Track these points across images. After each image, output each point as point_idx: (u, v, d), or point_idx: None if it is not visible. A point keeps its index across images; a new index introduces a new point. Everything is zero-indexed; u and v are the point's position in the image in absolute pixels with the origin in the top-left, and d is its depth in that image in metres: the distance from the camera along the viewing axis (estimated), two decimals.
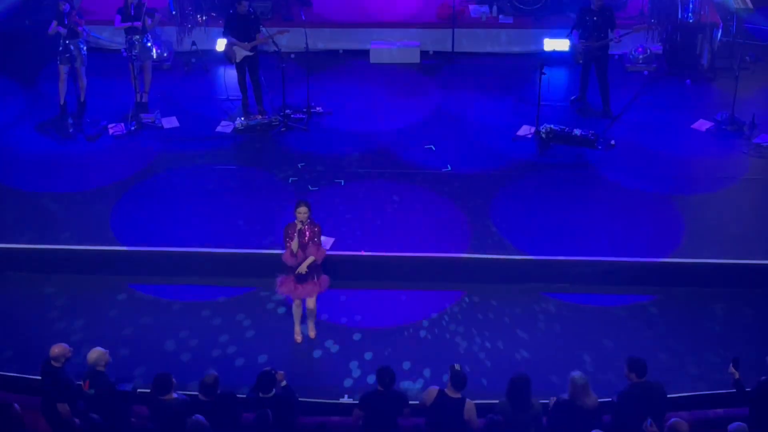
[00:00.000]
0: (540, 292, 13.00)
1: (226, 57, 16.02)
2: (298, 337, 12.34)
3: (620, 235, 13.59)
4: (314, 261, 11.66)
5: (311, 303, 12.07)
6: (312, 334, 12.36)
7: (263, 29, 15.81)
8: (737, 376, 10.20)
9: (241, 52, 15.69)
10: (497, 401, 10.14)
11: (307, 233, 11.61)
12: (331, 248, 12.97)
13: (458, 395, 10.11)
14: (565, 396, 10.07)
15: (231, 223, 13.89)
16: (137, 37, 15.88)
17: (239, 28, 15.64)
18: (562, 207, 14.16)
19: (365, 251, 13.30)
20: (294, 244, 11.59)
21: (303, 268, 11.69)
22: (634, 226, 13.76)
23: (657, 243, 13.43)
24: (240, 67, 15.92)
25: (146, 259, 13.35)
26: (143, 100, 16.26)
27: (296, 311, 12.25)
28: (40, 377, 10.68)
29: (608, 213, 14.04)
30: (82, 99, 16.16)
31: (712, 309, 12.76)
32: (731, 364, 10.24)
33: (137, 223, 13.85)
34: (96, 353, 10.38)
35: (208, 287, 13.15)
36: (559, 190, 14.53)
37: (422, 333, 12.45)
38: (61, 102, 16.07)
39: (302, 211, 11.58)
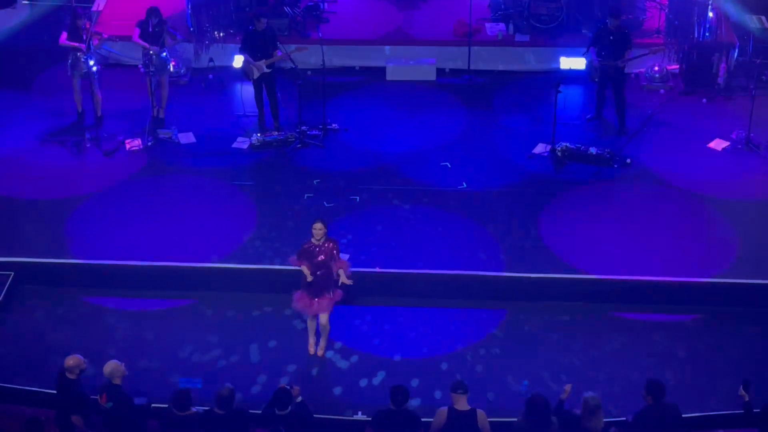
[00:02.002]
0: (563, 309, 13.10)
1: (244, 74, 16.10)
2: (312, 349, 12.41)
3: (637, 254, 13.61)
4: (344, 270, 11.78)
5: (324, 319, 12.11)
6: (321, 352, 12.40)
7: (280, 46, 15.88)
8: (747, 398, 10.19)
9: (259, 69, 15.76)
10: (515, 419, 10.14)
11: (321, 252, 11.64)
12: None
13: (467, 407, 10.11)
14: (577, 412, 10.07)
15: (247, 239, 13.93)
16: (154, 51, 15.94)
17: (257, 45, 15.71)
18: (577, 225, 14.16)
19: (380, 268, 13.31)
20: (308, 277, 11.74)
21: (346, 280, 11.78)
22: (651, 245, 13.75)
23: (674, 263, 13.45)
24: (257, 84, 15.99)
25: (161, 273, 13.43)
26: (160, 116, 16.31)
27: (311, 324, 12.33)
28: (55, 389, 10.75)
29: (624, 231, 14.03)
30: (98, 114, 16.21)
31: (740, 329, 12.87)
32: (741, 387, 10.23)
33: (151, 239, 13.92)
34: (111, 366, 10.40)
35: (224, 302, 13.21)
36: (574, 209, 14.53)
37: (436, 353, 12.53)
38: (79, 110, 16.20)
39: (317, 227, 11.65)
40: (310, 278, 11.71)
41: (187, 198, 14.80)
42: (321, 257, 11.70)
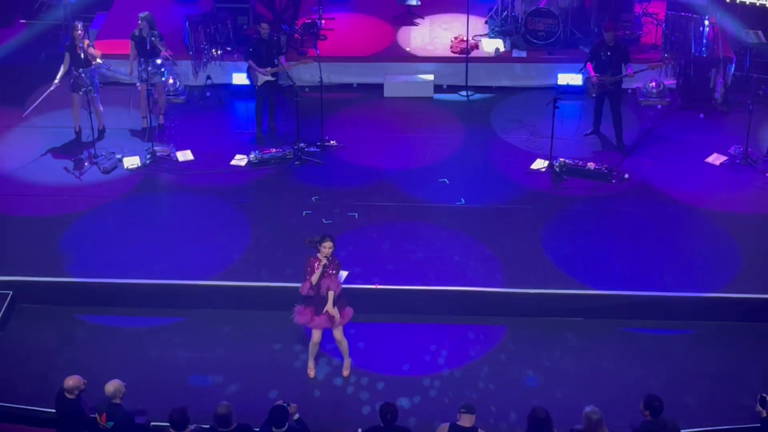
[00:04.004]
0: (562, 325, 13.11)
1: (249, 79, 16.39)
2: (311, 372, 12.35)
3: (636, 269, 13.62)
4: (334, 294, 11.67)
5: (338, 334, 12.04)
6: (345, 372, 12.35)
7: (283, 63, 16.06)
8: (764, 414, 10.13)
9: (262, 77, 15.92)
10: None
11: (330, 268, 11.63)
12: (345, 281, 12.97)
13: (470, 424, 10.08)
14: (579, 427, 10.04)
15: (245, 256, 13.92)
16: (147, 61, 16.04)
17: (261, 52, 15.98)
18: (575, 240, 14.16)
19: (378, 284, 13.29)
20: (315, 277, 11.62)
21: (331, 308, 11.69)
22: (650, 260, 13.75)
23: (673, 277, 13.45)
24: (260, 92, 16.21)
25: (158, 291, 13.43)
26: (160, 121, 16.43)
27: (312, 347, 12.24)
28: (54, 409, 10.70)
29: (623, 246, 14.02)
30: (100, 127, 16.23)
31: (740, 344, 12.86)
32: (758, 402, 10.17)
33: (148, 256, 13.91)
34: (113, 385, 10.37)
35: (221, 319, 13.18)
36: (572, 224, 14.53)
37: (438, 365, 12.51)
38: (76, 129, 16.20)
39: (327, 246, 11.63)
40: (314, 282, 11.67)
41: (184, 216, 14.79)
42: (328, 274, 11.69)
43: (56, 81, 15.89)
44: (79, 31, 15.78)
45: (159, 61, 16.21)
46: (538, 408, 10.02)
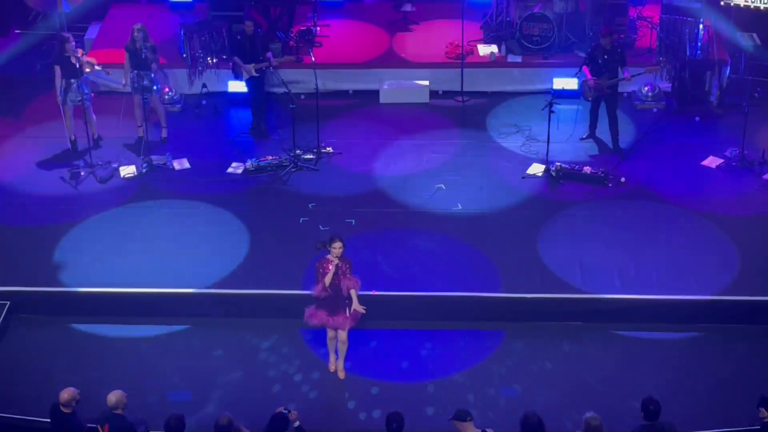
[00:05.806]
0: (560, 330, 13.08)
1: (235, 75, 16.77)
2: (332, 367, 12.45)
3: (634, 272, 13.62)
4: (355, 289, 11.77)
5: (343, 336, 12.09)
6: (341, 375, 12.40)
7: (271, 57, 16.32)
8: (767, 418, 10.10)
9: (247, 72, 16.26)
10: None
11: (342, 268, 11.68)
12: None
13: None
14: None
15: (242, 264, 13.91)
16: (141, 72, 16.00)
17: (245, 49, 16.21)
18: (572, 245, 14.15)
19: (376, 291, 13.28)
20: (328, 278, 11.66)
21: (358, 307, 11.75)
22: (647, 263, 13.75)
23: (670, 280, 13.44)
24: (248, 85, 16.53)
25: (156, 300, 13.42)
26: (163, 135, 16.45)
27: (330, 343, 12.32)
28: (51, 425, 10.67)
29: (620, 250, 14.02)
30: (95, 136, 16.22)
31: (737, 347, 12.87)
32: (759, 404, 10.13)
33: (145, 265, 13.89)
34: (115, 396, 10.35)
35: (219, 328, 13.18)
36: (569, 228, 14.53)
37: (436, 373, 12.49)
38: (71, 138, 16.18)
39: (337, 246, 11.68)
40: (328, 283, 11.70)
41: (181, 224, 14.77)
42: (340, 275, 11.73)
43: (59, 97, 15.87)
44: (72, 43, 15.77)
45: (152, 75, 16.16)
46: (531, 413, 9.98)
